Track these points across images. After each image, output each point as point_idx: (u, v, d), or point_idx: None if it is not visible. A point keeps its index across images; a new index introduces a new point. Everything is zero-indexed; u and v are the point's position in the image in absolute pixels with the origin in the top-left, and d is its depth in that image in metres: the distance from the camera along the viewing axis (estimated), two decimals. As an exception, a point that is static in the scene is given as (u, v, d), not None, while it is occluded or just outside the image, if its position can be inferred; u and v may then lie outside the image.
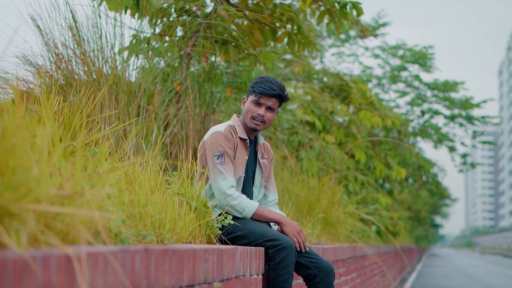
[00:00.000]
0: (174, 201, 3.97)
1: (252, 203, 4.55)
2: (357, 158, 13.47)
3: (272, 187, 5.05)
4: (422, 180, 25.78)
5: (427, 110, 29.48)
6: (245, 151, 4.77)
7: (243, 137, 4.77)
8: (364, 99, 14.39)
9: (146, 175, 4.04)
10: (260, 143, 4.92)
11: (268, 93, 4.70)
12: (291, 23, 8.82)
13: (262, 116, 4.72)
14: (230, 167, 4.56)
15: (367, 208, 13.00)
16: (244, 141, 4.79)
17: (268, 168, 5.00)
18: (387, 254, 16.07)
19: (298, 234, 4.59)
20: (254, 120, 4.73)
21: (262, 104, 4.73)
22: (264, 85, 4.72)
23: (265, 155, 4.99)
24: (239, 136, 4.76)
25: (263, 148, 4.99)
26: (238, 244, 4.45)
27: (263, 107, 4.73)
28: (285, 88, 4.82)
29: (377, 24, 25.88)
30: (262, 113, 4.71)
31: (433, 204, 50.19)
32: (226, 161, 4.56)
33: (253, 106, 4.73)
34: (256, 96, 4.73)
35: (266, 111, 4.74)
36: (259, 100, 4.72)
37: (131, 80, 7.60)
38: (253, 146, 4.89)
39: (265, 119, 4.73)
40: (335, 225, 9.95)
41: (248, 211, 4.52)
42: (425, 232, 65.37)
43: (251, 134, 4.87)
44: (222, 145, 4.61)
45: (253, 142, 4.91)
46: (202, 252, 3.18)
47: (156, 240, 3.50)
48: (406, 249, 28.78)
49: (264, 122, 4.75)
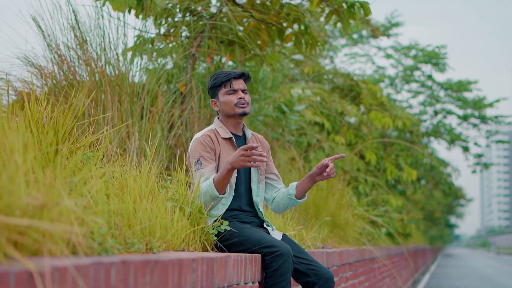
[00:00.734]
0: (166, 207, 3.86)
1: (208, 183, 4.33)
2: (367, 159, 13.33)
3: (276, 176, 4.94)
4: (435, 181, 25.59)
5: (440, 110, 29.25)
6: (233, 151, 4.66)
7: (227, 136, 4.67)
8: (374, 99, 14.25)
9: (138, 181, 3.94)
10: (248, 137, 4.82)
11: (234, 75, 4.72)
12: (298, 23, 8.71)
13: (243, 98, 4.68)
14: (208, 169, 4.46)
15: (377, 210, 12.85)
16: (229, 140, 4.68)
17: (267, 159, 4.88)
18: (398, 256, 15.91)
19: (243, 156, 4.25)
20: (239, 105, 4.67)
21: (236, 90, 4.69)
22: (225, 73, 4.73)
23: (260, 147, 4.87)
24: (223, 136, 4.66)
25: (256, 141, 4.88)
26: (234, 251, 4.34)
27: (239, 91, 4.69)
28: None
29: (390, 24, 25.68)
30: (243, 96, 4.68)
31: (447, 205, 49.90)
32: (203, 165, 4.47)
33: (230, 97, 4.68)
34: (226, 86, 4.70)
35: (243, 94, 4.71)
36: (232, 87, 4.68)
37: (134, 81, 7.50)
38: (242, 142, 4.78)
39: (246, 100, 4.69)
40: (344, 228, 9.83)
41: (211, 191, 4.30)
42: (440, 232, 65.07)
43: (237, 129, 4.77)
44: (198, 150, 4.53)
45: (242, 139, 4.80)
46: (189, 261, 3.06)
47: (144, 249, 3.39)
48: (419, 249, 28.60)
49: (248, 104, 4.69)
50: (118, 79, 7.27)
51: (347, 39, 24.58)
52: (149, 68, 7.77)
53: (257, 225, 4.67)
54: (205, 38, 8.18)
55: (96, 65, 7.30)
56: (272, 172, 4.92)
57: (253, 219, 4.68)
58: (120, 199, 3.60)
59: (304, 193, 4.83)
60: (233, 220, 4.53)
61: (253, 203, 4.70)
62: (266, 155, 4.45)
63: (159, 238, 3.60)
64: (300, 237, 6.77)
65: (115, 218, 3.40)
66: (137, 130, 7.15)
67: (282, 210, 4.87)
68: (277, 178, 4.94)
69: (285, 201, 4.83)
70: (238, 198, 4.63)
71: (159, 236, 3.61)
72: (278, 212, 4.91)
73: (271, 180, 4.90)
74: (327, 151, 12.00)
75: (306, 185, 4.79)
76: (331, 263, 6.94)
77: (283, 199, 4.84)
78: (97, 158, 4.22)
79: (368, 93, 14.13)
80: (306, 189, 4.80)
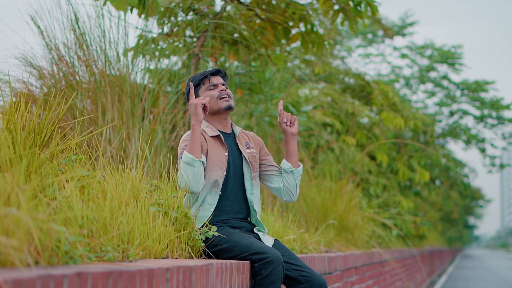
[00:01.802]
0: (149, 212, 3.71)
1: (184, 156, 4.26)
2: (379, 160, 13.14)
3: (277, 167, 4.81)
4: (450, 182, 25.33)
5: (456, 110, 28.98)
6: (222, 148, 4.51)
7: (215, 134, 4.52)
8: (386, 99, 14.04)
9: (120, 185, 3.79)
10: (236, 133, 4.67)
11: (211, 71, 4.66)
12: (304, 22, 8.55)
13: (225, 90, 4.61)
14: None
15: (388, 212, 12.65)
16: (217, 138, 4.54)
17: (260, 155, 4.76)
18: (411, 258, 15.68)
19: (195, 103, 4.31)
20: (222, 98, 4.58)
21: (215, 84, 4.61)
22: (202, 72, 4.69)
23: (251, 144, 4.73)
24: (210, 135, 4.51)
25: (246, 138, 4.75)
26: (223, 257, 4.18)
27: (219, 85, 4.62)
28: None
29: (404, 23, 25.44)
30: (224, 88, 4.61)
31: (465, 206, 49.46)
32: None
33: (211, 91, 4.60)
34: (205, 83, 4.63)
35: (224, 87, 4.64)
36: (211, 82, 4.62)
37: (136, 82, 7.36)
38: (231, 139, 4.63)
39: (228, 93, 4.61)
40: (353, 231, 9.64)
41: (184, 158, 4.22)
42: (459, 234, 64.54)
43: (224, 126, 4.64)
44: (182, 146, 4.42)
45: (231, 136, 4.66)
46: (162, 271, 2.89)
47: (120, 257, 3.24)
48: (436, 251, 28.33)
49: (230, 97, 4.62)
50: (118, 80, 7.14)
51: (361, 39, 24.39)
52: (151, 68, 7.64)
53: (247, 230, 4.51)
54: (209, 38, 8.03)
55: (96, 65, 7.18)
56: (272, 165, 4.79)
57: (244, 223, 4.51)
58: (97, 204, 3.46)
59: (295, 159, 4.72)
60: (223, 225, 4.37)
61: (247, 202, 4.55)
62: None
63: (138, 245, 3.45)
64: (302, 241, 6.60)
65: (90, 224, 3.26)
66: (137, 132, 7.01)
67: (295, 190, 4.75)
68: (279, 169, 4.80)
69: (290, 178, 4.72)
70: (228, 198, 4.47)
71: (138, 243, 3.46)
72: (295, 195, 4.76)
73: (274, 171, 4.77)
74: (337, 152, 11.82)
75: (288, 149, 4.74)
76: (334, 268, 6.76)
77: (287, 178, 4.71)
78: (81, 161, 4.08)
79: (379, 93, 13.94)
80: (292, 153, 4.72)
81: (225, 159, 4.48)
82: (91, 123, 7.04)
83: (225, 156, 4.49)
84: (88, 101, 7.17)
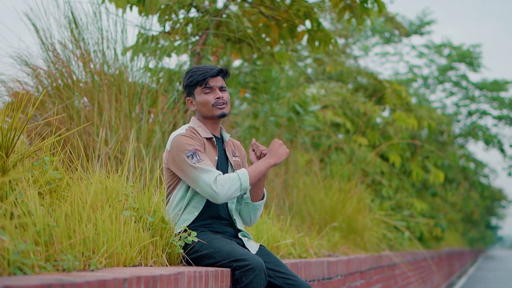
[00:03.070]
0: (118, 217, 3.52)
1: (241, 173, 4.10)
2: (392, 161, 12.89)
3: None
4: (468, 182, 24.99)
5: (475, 110, 28.62)
6: (213, 151, 4.30)
7: (208, 136, 4.29)
8: (399, 99, 13.78)
9: (90, 188, 3.60)
10: (226, 139, 4.44)
11: (212, 73, 4.31)
12: (310, 20, 8.35)
13: (222, 97, 4.30)
14: (207, 162, 4.10)
15: (400, 213, 12.40)
16: (210, 141, 4.31)
17: (242, 166, 4.51)
18: (426, 261, 15.40)
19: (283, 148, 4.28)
20: (217, 106, 4.29)
21: (213, 88, 4.31)
22: (202, 71, 4.32)
23: (237, 153, 4.50)
24: (204, 136, 4.28)
25: (232, 146, 4.51)
26: (203, 264, 3.97)
27: (216, 90, 4.32)
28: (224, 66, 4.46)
29: (422, 22, 25.14)
30: (221, 95, 4.30)
31: (486, 206, 48.95)
32: (201, 157, 4.09)
33: (206, 96, 4.30)
34: (202, 85, 4.31)
35: (221, 92, 4.32)
36: (207, 85, 4.30)
37: (135, 81, 7.19)
38: (220, 144, 4.41)
39: (225, 99, 4.31)
40: (361, 233, 9.40)
41: (243, 181, 4.07)
42: (481, 234, 63.94)
43: (215, 130, 4.39)
44: (189, 143, 4.14)
45: (220, 141, 4.43)
46: (118, 282, 2.67)
47: (82, 266, 3.05)
48: (455, 252, 27.99)
49: (226, 104, 4.33)
50: (115, 79, 6.97)
51: (379, 37, 24.13)
52: (150, 67, 7.46)
53: (231, 235, 4.28)
54: (210, 36, 7.84)
55: (94, 64, 7.02)
56: None
57: (228, 228, 4.29)
58: (57, 209, 3.27)
59: (257, 192, 4.40)
60: (205, 230, 4.16)
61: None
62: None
63: (103, 252, 3.25)
64: (301, 245, 6.38)
65: (49, 231, 3.06)
66: (134, 132, 6.83)
67: (250, 220, 4.44)
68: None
69: (244, 209, 4.43)
70: (215, 205, 4.25)
71: (104, 250, 3.26)
72: (249, 223, 4.50)
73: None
74: (347, 152, 11.60)
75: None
76: (334, 273, 6.53)
77: (243, 209, 4.45)
78: (55, 163, 3.90)
79: (392, 93, 13.68)
80: (256, 186, 4.39)
81: (215, 162, 4.26)
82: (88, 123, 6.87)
83: (215, 160, 4.27)
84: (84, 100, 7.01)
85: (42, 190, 3.55)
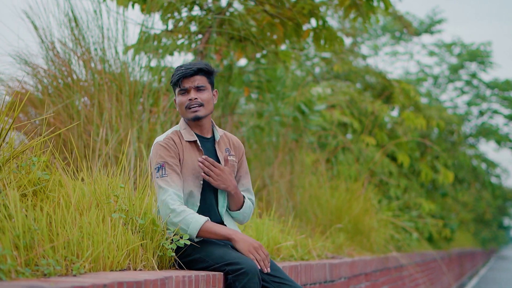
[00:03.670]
0: (105, 219, 3.40)
1: (197, 219, 3.86)
2: (400, 161, 12.74)
3: (243, 186, 4.34)
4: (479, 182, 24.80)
5: (486, 110, 28.41)
6: (197, 154, 4.14)
7: (191, 140, 4.15)
8: (407, 99, 13.63)
9: (77, 190, 3.49)
10: (217, 139, 4.28)
11: (187, 74, 4.10)
12: (316, 18, 8.24)
13: (195, 99, 4.10)
14: (173, 178, 3.93)
15: (408, 214, 12.25)
16: (194, 144, 4.16)
17: (238, 165, 4.33)
18: (435, 262, 15.23)
19: (255, 251, 3.86)
20: (190, 109, 4.11)
21: (188, 89, 4.12)
22: (179, 71, 4.13)
23: (232, 151, 4.32)
24: (187, 139, 4.14)
25: (228, 144, 4.32)
26: (195, 268, 3.85)
27: (191, 91, 4.12)
28: (206, 62, 4.22)
29: (432, 21, 24.96)
30: (193, 96, 4.10)
31: (499, 206, 48.64)
32: (167, 172, 3.93)
33: (182, 97, 4.13)
34: (178, 86, 4.15)
35: (196, 93, 4.11)
36: (182, 87, 4.12)
37: (136, 80, 7.08)
38: (210, 145, 4.25)
39: (200, 101, 4.11)
40: (368, 234, 9.26)
41: (192, 228, 3.83)
42: (493, 234, 63.59)
43: (202, 130, 4.23)
44: (161, 155, 3.99)
45: (210, 141, 4.26)
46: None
47: (64, 271, 2.93)
48: (467, 253, 27.78)
49: (202, 105, 4.12)
50: (116, 78, 6.87)
51: (389, 37, 23.98)
52: (152, 66, 7.36)
53: (225, 238, 4.14)
54: (213, 34, 7.73)
55: (94, 63, 6.93)
56: (240, 182, 4.34)
57: None
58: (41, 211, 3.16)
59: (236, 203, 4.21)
60: (197, 233, 4.02)
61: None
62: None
63: (88, 256, 3.14)
64: (303, 246, 6.26)
65: (30, 234, 2.95)
66: (135, 132, 6.73)
67: (240, 221, 4.31)
68: (245, 189, 4.33)
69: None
70: (207, 210, 4.11)
71: (89, 254, 3.14)
72: (241, 223, 4.36)
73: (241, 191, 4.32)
74: (355, 152, 11.47)
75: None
76: (337, 275, 6.40)
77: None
78: (43, 163, 3.79)
79: (401, 92, 13.53)
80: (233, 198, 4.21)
81: (197, 164, 4.10)
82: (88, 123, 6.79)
83: (198, 162, 4.10)
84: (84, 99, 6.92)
85: (26, 191, 3.45)
